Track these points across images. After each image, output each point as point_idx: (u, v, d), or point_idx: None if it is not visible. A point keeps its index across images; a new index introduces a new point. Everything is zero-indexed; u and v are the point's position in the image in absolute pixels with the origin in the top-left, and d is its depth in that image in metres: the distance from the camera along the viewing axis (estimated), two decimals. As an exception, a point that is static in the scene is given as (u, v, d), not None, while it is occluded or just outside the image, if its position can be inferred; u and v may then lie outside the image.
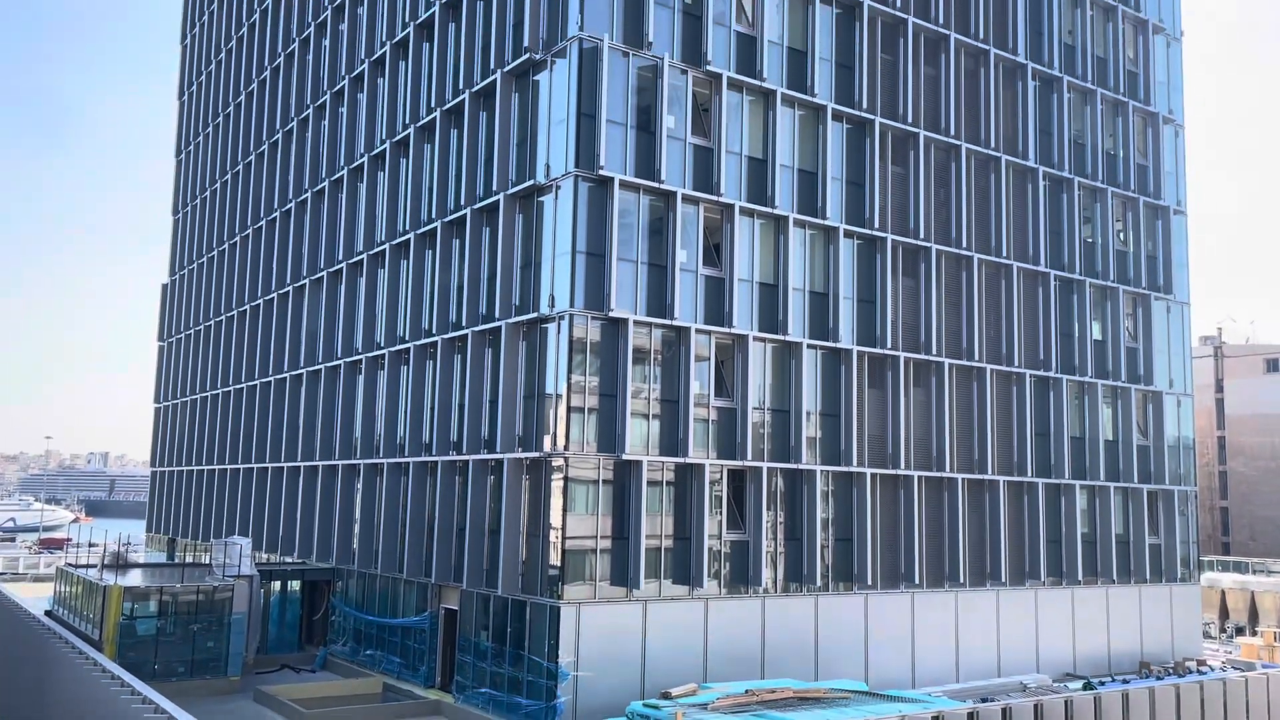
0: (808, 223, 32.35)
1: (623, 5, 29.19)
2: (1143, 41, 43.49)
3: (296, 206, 46.34)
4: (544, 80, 29.90)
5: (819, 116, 32.98)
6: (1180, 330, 43.54)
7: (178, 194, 66.76)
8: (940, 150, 36.25)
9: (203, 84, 63.27)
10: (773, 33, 32.18)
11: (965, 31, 37.34)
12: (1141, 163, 43.00)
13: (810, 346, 31.96)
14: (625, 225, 28.59)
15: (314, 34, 46.15)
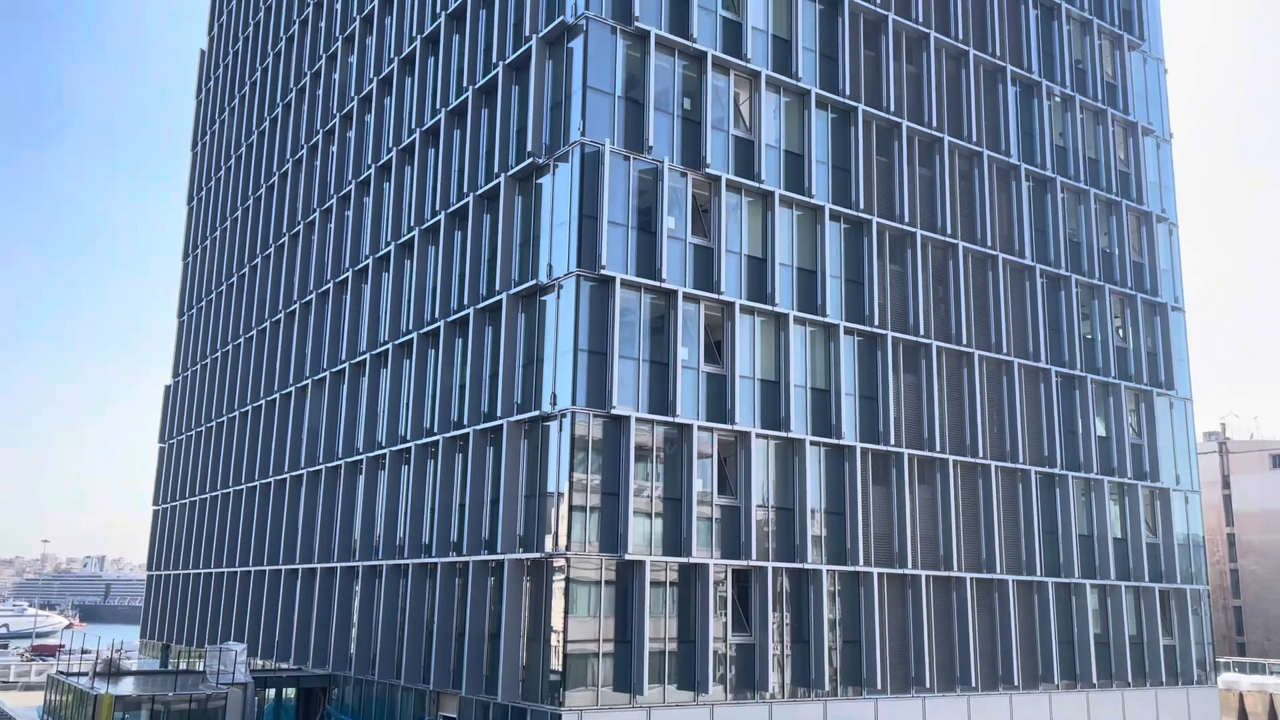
0: (808, 320, 32.57)
1: (623, 111, 29.95)
2: (1133, 143, 44.46)
3: (301, 308, 46.78)
4: (547, 183, 30.49)
5: (816, 216, 33.51)
6: (1184, 426, 43.40)
7: (184, 296, 67.46)
8: (937, 249, 36.72)
9: (212, 189, 64.56)
10: (770, 136, 32.93)
11: (958, 134, 38.20)
12: (1137, 260, 43.51)
13: (813, 443, 31.83)
14: (627, 323, 28.78)
15: (322, 141, 47.26)
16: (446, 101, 36.48)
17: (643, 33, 30.52)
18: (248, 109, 59.55)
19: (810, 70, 34.36)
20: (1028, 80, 40.95)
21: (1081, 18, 43.58)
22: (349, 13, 46.74)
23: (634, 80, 30.38)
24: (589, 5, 29.77)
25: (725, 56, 32.13)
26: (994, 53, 39.89)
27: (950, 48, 38.64)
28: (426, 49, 38.74)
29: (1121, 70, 44.74)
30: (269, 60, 56.59)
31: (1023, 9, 41.50)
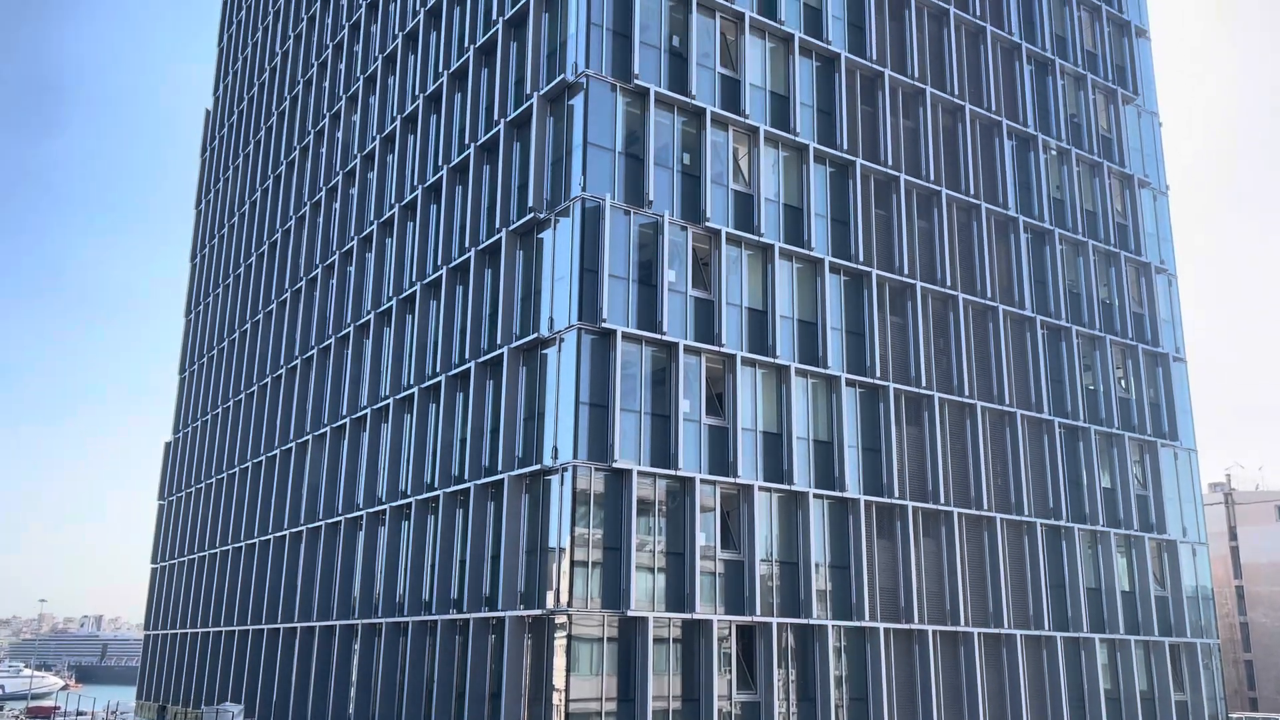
0: (809, 372, 32.53)
1: (624, 166, 30.22)
2: (1130, 195, 44.79)
3: (302, 363, 46.80)
4: (548, 238, 30.66)
5: (816, 269, 33.64)
6: (1189, 477, 43.12)
7: (185, 353, 67.58)
8: (937, 300, 36.81)
9: (215, 246, 64.98)
10: (769, 190, 33.19)
11: (956, 187, 38.50)
12: (1137, 311, 43.58)
13: (816, 496, 31.60)
14: (628, 376, 28.75)
15: (325, 197, 47.67)
16: (449, 158, 36.84)
17: (642, 90, 30.91)
18: (251, 166, 60.16)
19: (808, 125, 34.74)
20: (1024, 134, 41.38)
21: (1076, 73, 44.16)
22: (353, 72, 47.43)
23: (634, 136, 30.69)
24: (589, 63, 30.20)
25: (724, 113, 32.51)
26: (990, 107, 40.36)
27: (946, 103, 39.10)
28: (429, 107, 39.22)
29: (1116, 124, 45.23)
30: (273, 119, 57.30)
31: (1017, 65, 42.07)
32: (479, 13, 36.84)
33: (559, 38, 31.90)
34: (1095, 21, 45.94)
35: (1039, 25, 43.36)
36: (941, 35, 39.80)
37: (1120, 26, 46.94)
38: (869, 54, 36.96)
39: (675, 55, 32.12)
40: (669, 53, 32.02)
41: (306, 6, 55.21)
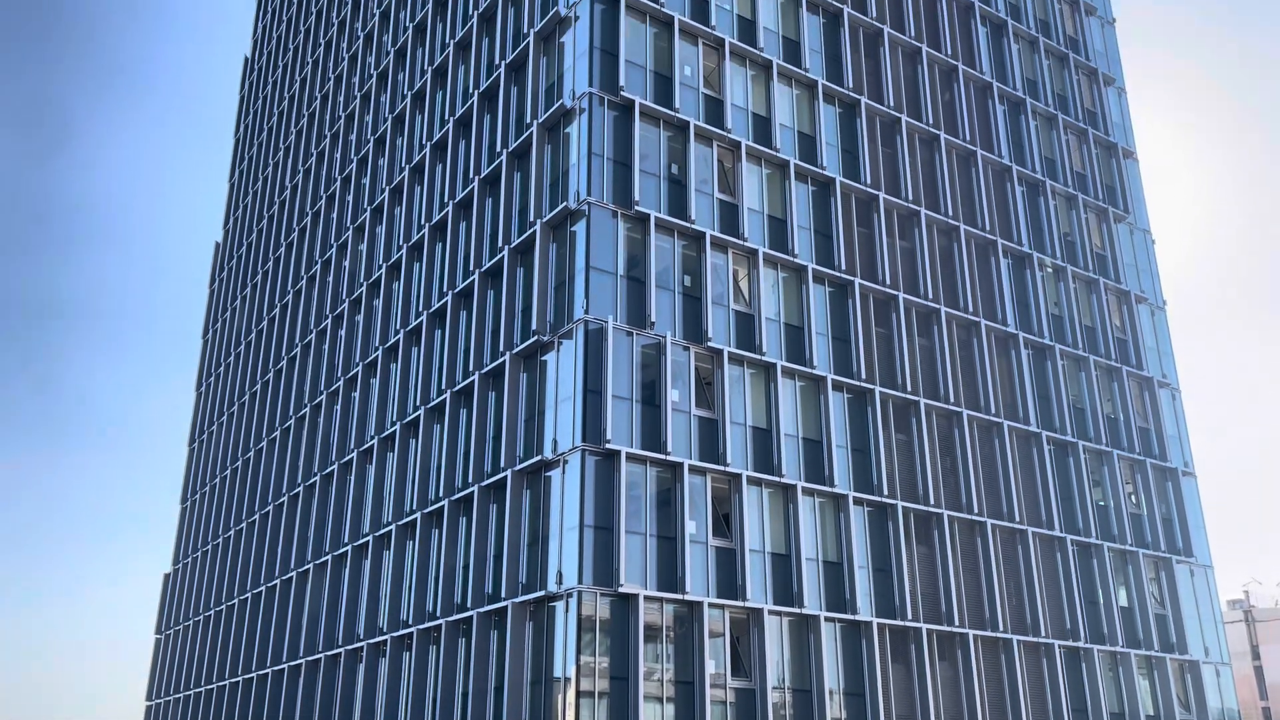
0: (816, 490, 32.23)
1: (626, 289, 30.63)
2: (1128, 311, 45.22)
3: (304, 490, 46.49)
4: (551, 360, 30.85)
5: (819, 387, 33.71)
6: (1207, 595, 42.20)
7: (187, 482, 67.23)
8: (941, 417, 36.74)
9: (220, 374, 65.41)
10: (769, 310, 33.54)
11: (955, 305, 38.91)
12: (1143, 425, 43.45)
13: (828, 619, 30.88)
14: (633, 497, 28.47)
15: (330, 325, 48.22)
16: (453, 284, 37.39)
17: (643, 215, 31.59)
18: (259, 296, 61.07)
19: (806, 247, 35.36)
20: (1019, 253, 42.06)
21: (1066, 193, 45.17)
22: (360, 204, 48.60)
23: (635, 260, 31.22)
24: (591, 191, 30.95)
25: (723, 236, 33.14)
26: (984, 227, 41.15)
27: (941, 223, 39.88)
28: (434, 236, 40.04)
29: (1110, 241, 46.01)
30: (281, 250, 58.45)
31: (1009, 186, 43.08)
32: (483, 145, 37.98)
33: (561, 167, 32.80)
34: (1083, 144, 47.25)
35: (1028, 148, 44.59)
36: (933, 159, 40.89)
37: (1107, 149, 48.26)
38: (863, 178, 37.90)
39: (674, 182, 32.95)
40: (668, 180, 32.85)
41: (316, 142, 56.98)
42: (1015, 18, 47.24)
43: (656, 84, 33.67)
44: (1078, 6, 50.30)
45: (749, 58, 36.49)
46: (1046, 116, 46.19)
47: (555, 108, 33.21)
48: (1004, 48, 45.88)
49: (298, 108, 62.00)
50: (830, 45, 39.28)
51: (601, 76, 32.46)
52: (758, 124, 35.81)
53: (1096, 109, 48.73)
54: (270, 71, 70.44)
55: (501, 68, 37.24)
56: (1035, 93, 46.35)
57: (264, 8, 76.75)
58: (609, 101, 32.36)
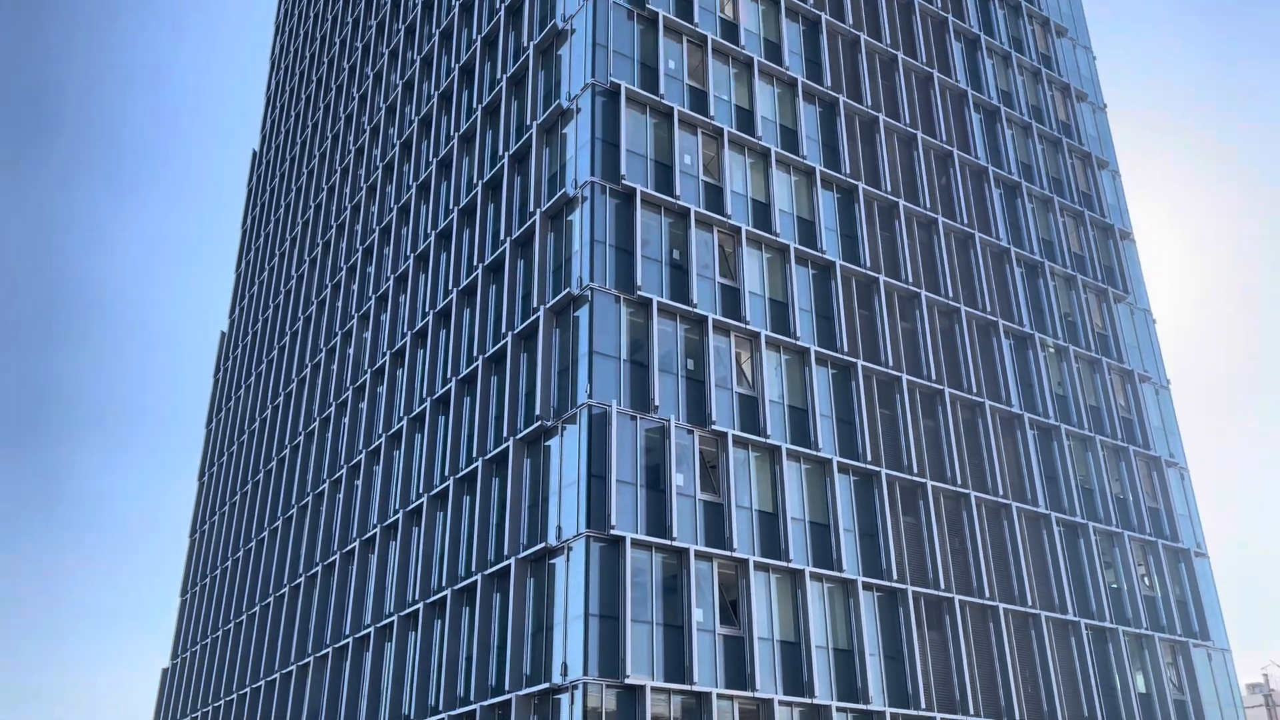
0: (824, 576, 31.78)
1: (629, 373, 30.68)
2: (1131, 390, 45.16)
3: (305, 581, 45.90)
4: (555, 445, 30.73)
5: (825, 470, 33.50)
6: (1226, 679, 41.24)
7: (188, 573, 66.45)
8: (949, 499, 36.42)
9: (223, 464, 65.17)
10: (773, 393, 33.53)
11: (958, 386, 38.89)
12: (1153, 506, 43.01)
13: (840, 709, 30.13)
14: (639, 585, 28.06)
15: (334, 413, 48.21)
16: (457, 370, 37.48)
17: (645, 300, 31.80)
18: (263, 385, 61.20)
19: (808, 330, 35.51)
20: (1020, 333, 42.19)
21: (1065, 274, 45.51)
22: (365, 292, 49.03)
23: (638, 344, 31.33)
24: (594, 277, 31.22)
25: (725, 319, 33.31)
26: (984, 308, 41.37)
27: (941, 305, 40.11)
28: (439, 323, 40.28)
29: (1111, 322, 46.20)
30: (286, 338, 58.79)
31: (1008, 268, 43.43)
32: (487, 234, 38.47)
33: (564, 254, 33.16)
34: (1080, 226, 47.79)
35: (1025, 231, 45.09)
36: (932, 242, 41.33)
37: (1104, 230, 48.79)
38: (863, 261, 38.25)
39: (676, 267, 33.26)
40: (670, 265, 33.17)
41: (322, 233, 57.76)
42: (1008, 105, 48.23)
43: (657, 172, 34.24)
44: (1069, 93, 51.39)
45: (747, 146, 37.17)
46: (1042, 199, 46.82)
47: (558, 196, 33.73)
48: (998, 133, 46.74)
49: (304, 199, 63.03)
50: (827, 133, 40.04)
51: (603, 166, 33.03)
52: (757, 209, 36.31)
53: (1091, 191, 49.42)
54: (278, 165, 71.80)
55: (505, 158, 37.93)
56: (1030, 176, 47.07)
57: (273, 103, 78.59)
58: (611, 189, 32.87)
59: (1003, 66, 49.16)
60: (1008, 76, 49.09)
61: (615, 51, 35.16)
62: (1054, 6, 54.05)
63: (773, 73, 39.37)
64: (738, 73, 38.40)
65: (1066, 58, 52.73)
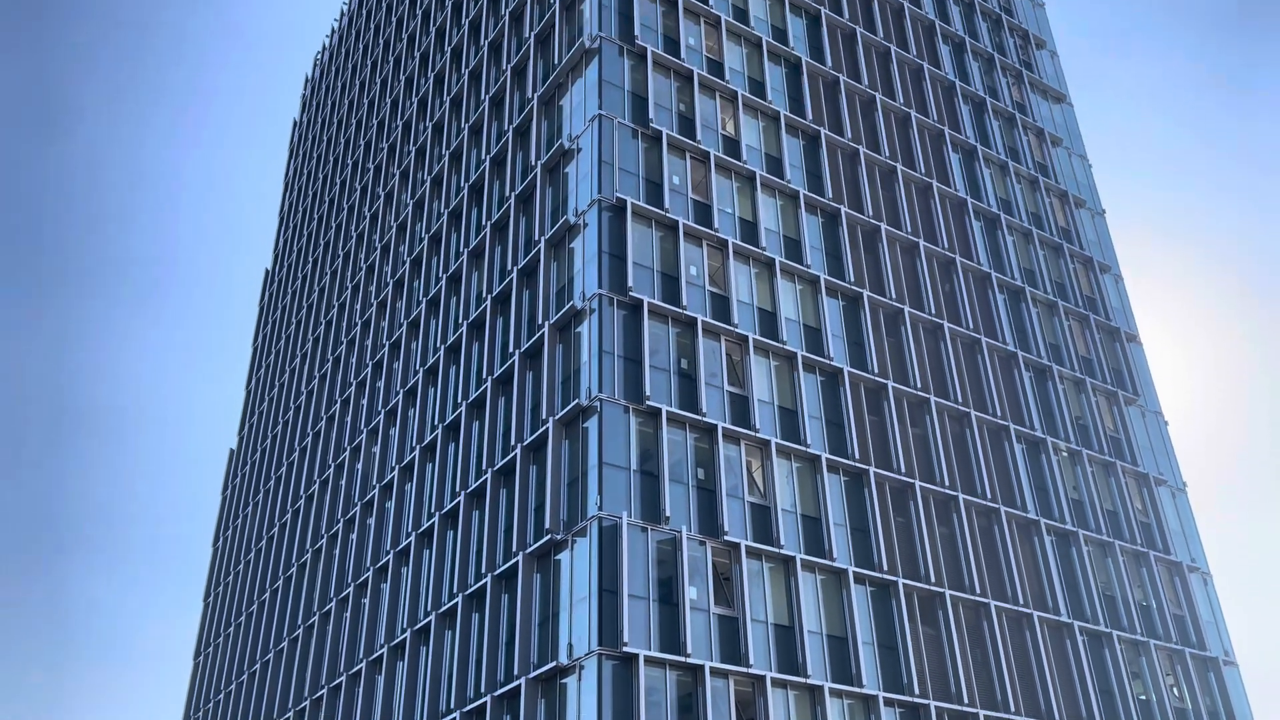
0: (844, 692, 30.84)
1: (639, 484, 30.44)
2: (1148, 494, 44.60)
3: (311, 705, 44.73)
4: (565, 559, 30.29)
5: (840, 580, 32.88)
6: (1268, 795, 39.53)
7: (191, 698, 64.88)
8: (969, 609, 35.62)
9: (230, 583, 64.31)
10: (785, 502, 33.17)
11: (972, 491, 38.46)
12: (1177, 612, 42.00)
13: (864, 834, 28.86)
14: (653, 704, 27.26)
15: (342, 530, 47.76)
16: (466, 484, 37.25)
17: (654, 410, 31.78)
18: (271, 502, 60.85)
19: (818, 437, 35.34)
20: (1032, 438, 41.92)
21: (1074, 377, 45.48)
22: (374, 407, 49.15)
23: (648, 454, 31.17)
24: (602, 388, 31.29)
25: (734, 428, 33.21)
26: (995, 413, 41.21)
27: (951, 410, 39.99)
28: (448, 436, 40.23)
29: (1123, 424, 45.93)
30: (295, 455, 58.69)
31: (1016, 372, 43.45)
32: (495, 347, 38.76)
33: (572, 365, 33.31)
34: (1085, 330, 47.98)
35: (1031, 335, 45.26)
36: (939, 348, 41.46)
37: (1110, 333, 48.95)
38: (870, 367, 38.32)
39: (684, 376, 33.35)
40: (678, 374, 33.27)
41: (333, 349, 58.27)
42: (1007, 212, 49.02)
43: (664, 283, 34.65)
44: (1067, 200, 52.27)
45: (752, 256, 37.69)
46: (1047, 304, 47.13)
47: (566, 309, 34.07)
48: (999, 240, 47.38)
49: (316, 316, 63.79)
50: (830, 242, 40.64)
51: (610, 278, 33.46)
52: (764, 318, 36.58)
53: (1095, 296, 49.79)
54: (290, 282, 72.94)
55: (514, 273, 38.48)
56: (1034, 281, 47.50)
57: (286, 222, 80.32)
58: (618, 301, 33.21)
59: (1000, 175, 50.15)
60: (1006, 185, 50.03)
61: (620, 168, 36.01)
62: (1048, 118, 55.45)
63: (774, 185, 40.20)
64: (740, 186, 39.22)
65: (1063, 166, 53.81)
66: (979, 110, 51.67)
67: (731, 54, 42.53)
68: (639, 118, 37.72)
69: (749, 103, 41.52)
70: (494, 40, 48.11)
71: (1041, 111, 55.34)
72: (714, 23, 42.65)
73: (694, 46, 41.36)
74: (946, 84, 50.77)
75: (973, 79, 52.45)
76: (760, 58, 43.43)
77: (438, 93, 54.18)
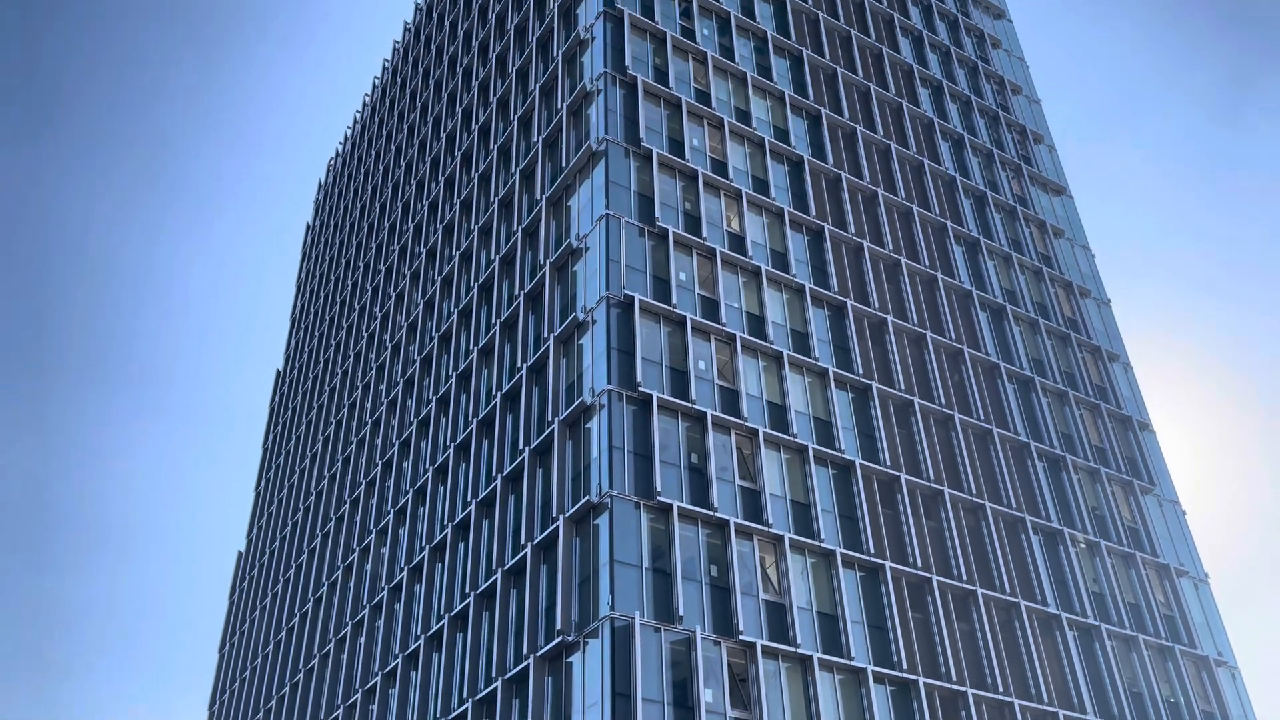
0: (866, 798, 29.81)
1: (652, 582, 30.00)
2: (1170, 586, 43.74)
3: (316, 817, 43.36)
4: (577, 661, 29.68)
5: (859, 679, 32.08)
6: None
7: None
8: (992, 707, 34.63)
9: (236, 690, 63.04)
10: (800, 599, 32.60)
11: (990, 586, 37.79)
12: (1206, 709, 40.76)
13: None
14: (669, 813, 26.35)
15: (350, 633, 46.99)
16: (475, 585, 36.77)
17: (665, 506, 31.52)
18: (279, 605, 60.04)
19: (832, 531, 34.92)
20: (1049, 529, 41.36)
21: (1089, 467, 45.07)
22: (383, 507, 48.86)
23: (660, 551, 30.80)
24: (612, 484, 31.10)
25: (747, 523, 32.86)
26: (1010, 504, 40.75)
27: (966, 502, 39.56)
28: (457, 536, 39.88)
29: (1140, 515, 45.33)
30: (304, 556, 58.16)
31: (1029, 463, 43.10)
32: (505, 444, 38.69)
33: (583, 462, 33.18)
34: (1097, 419, 47.74)
35: (1043, 425, 45.03)
36: (950, 439, 41.24)
37: (1122, 422, 48.68)
38: (882, 460, 38.07)
39: (695, 471, 33.16)
40: (689, 469, 33.09)
41: (343, 449, 58.23)
42: (1013, 302, 49.30)
43: (672, 378, 34.74)
44: (1072, 290, 52.59)
45: (760, 350, 37.85)
46: (1057, 393, 47.02)
47: (575, 405, 34.11)
48: (1006, 330, 47.53)
49: (326, 416, 63.94)
50: (837, 335, 40.82)
51: (619, 374, 33.57)
52: (773, 411, 36.54)
53: (1105, 384, 49.68)
54: (301, 383, 73.33)
55: (523, 370, 38.66)
56: (1043, 371, 47.48)
57: (297, 324, 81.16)
58: (627, 396, 33.26)
59: (1004, 267, 50.60)
60: (1010, 276, 50.43)
61: (628, 266, 36.47)
62: (1049, 210, 56.19)
63: (780, 280, 40.60)
64: (746, 281, 39.61)
65: (1066, 257, 54.31)
66: (980, 203, 52.43)
67: (735, 153, 43.44)
68: (646, 216, 38.36)
69: (753, 200, 42.24)
70: (503, 144, 49.28)
71: (1042, 203, 56.11)
72: (717, 124, 43.68)
73: (698, 147, 42.29)
74: (947, 178, 51.64)
75: (973, 173, 53.35)
76: (763, 156, 44.33)
77: (448, 196, 55.30)
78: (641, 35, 44.05)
